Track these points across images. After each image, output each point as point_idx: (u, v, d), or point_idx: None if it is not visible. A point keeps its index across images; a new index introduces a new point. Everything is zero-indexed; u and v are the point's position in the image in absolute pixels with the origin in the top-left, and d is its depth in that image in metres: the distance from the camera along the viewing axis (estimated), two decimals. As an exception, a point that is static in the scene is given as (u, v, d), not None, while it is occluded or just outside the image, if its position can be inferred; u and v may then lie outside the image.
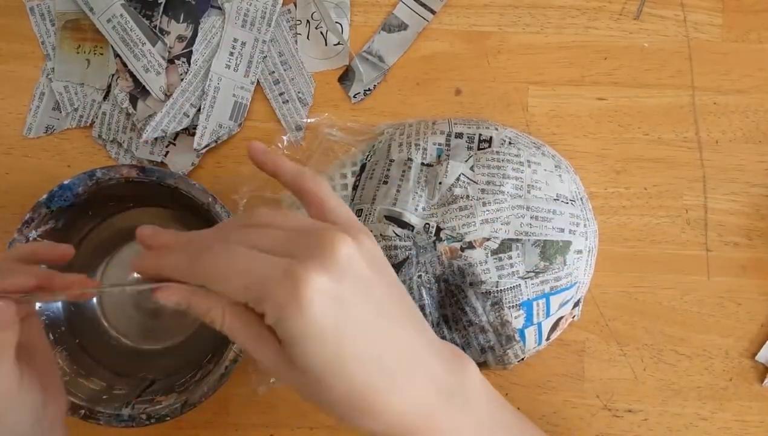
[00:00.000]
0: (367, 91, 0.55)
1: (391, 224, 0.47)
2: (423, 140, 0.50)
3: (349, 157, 0.53)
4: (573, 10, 0.55)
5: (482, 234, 0.46)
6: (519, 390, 0.54)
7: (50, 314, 0.51)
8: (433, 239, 0.47)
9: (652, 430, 0.54)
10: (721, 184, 0.55)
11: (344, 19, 0.55)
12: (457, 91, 0.55)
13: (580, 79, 0.55)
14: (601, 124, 0.55)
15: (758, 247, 0.55)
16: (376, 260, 0.32)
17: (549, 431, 0.54)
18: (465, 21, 0.55)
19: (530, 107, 0.55)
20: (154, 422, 0.48)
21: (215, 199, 0.48)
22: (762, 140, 0.55)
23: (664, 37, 0.55)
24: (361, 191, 0.50)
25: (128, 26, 0.52)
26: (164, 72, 0.53)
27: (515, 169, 0.48)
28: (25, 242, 0.48)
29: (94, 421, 0.48)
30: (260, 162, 0.36)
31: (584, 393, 0.54)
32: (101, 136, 0.54)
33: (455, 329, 0.48)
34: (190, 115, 0.53)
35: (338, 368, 0.30)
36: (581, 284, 0.49)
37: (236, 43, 0.54)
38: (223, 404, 0.54)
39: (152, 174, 0.48)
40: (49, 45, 0.54)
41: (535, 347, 0.49)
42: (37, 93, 0.55)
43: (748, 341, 0.54)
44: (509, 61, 0.55)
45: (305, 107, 0.54)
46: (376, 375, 0.31)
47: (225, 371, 0.48)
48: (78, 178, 0.48)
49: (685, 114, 0.55)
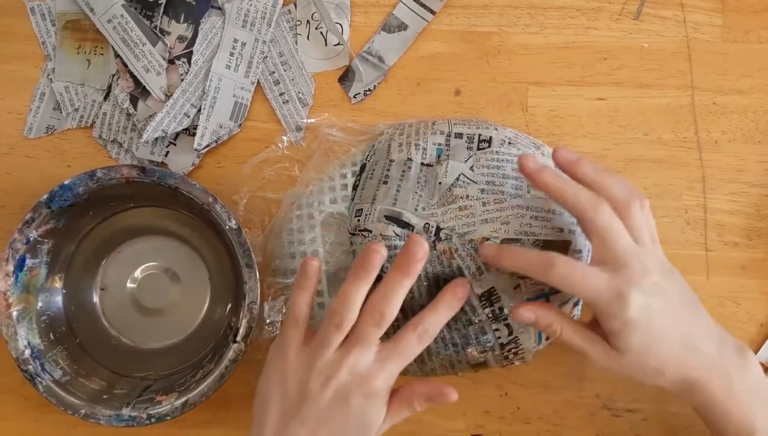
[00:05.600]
0: (367, 91, 0.55)
1: (391, 224, 0.47)
2: (423, 140, 0.50)
3: (349, 157, 0.53)
4: (573, 11, 0.55)
5: (482, 234, 0.46)
6: (519, 390, 0.54)
7: (50, 313, 0.52)
8: (432, 239, 0.47)
9: (652, 430, 0.54)
10: (720, 185, 0.55)
11: (344, 19, 0.55)
12: (456, 91, 0.55)
13: (580, 79, 0.55)
14: (600, 124, 0.55)
15: (758, 247, 0.55)
16: (665, 268, 0.43)
17: (549, 431, 0.54)
18: (465, 21, 0.55)
19: (530, 107, 0.55)
20: (154, 422, 0.48)
21: (216, 199, 0.48)
22: (762, 140, 0.55)
23: (663, 38, 0.55)
24: (361, 191, 0.50)
25: (129, 26, 0.52)
26: (164, 72, 0.53)
27: (515, 169, 0.48)
28: (26, 241, 0.48)
29: (94, 421, 0.48)
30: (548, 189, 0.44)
31: (584, 393, 0.54)
32: (102, 136, 0.54)
33: (455, 328, 0.48)
34: (190, 116, 0.53)
35: (649, 348, 0.42)
36: (581, 284, 0.49)
37: (236, 44, 0.54)
38: (224, 403, 0.54)
39: (153, 174, 0.48)
40: (50, 45, 0.54)
41: (535, 347, 0.49)
42: (37, 93, 0.55)
43: (747, 341, 0.54)
44: (509, 61, 0.55)
45: (305, 107, 0.54)
46: (674, 348, 0.42)
47: (225, 371, 0.48)
48: (78, 178, 0.48)
49: (684, 114, 0.55)
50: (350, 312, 0.41)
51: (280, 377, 0.42)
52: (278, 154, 0.54)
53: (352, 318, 0.41)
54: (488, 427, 0.54)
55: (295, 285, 0.44)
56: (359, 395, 0.41)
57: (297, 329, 0.43)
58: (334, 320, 0.41)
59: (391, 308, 0.41)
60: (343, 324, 0.41)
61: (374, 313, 0.41)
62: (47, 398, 0.48)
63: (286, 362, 0.42)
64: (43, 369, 0.49)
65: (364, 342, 0.41)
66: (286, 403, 0.42)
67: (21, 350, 0.48)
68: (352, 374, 0.41)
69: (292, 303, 0.44)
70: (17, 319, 0.49)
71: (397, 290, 0.41)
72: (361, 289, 0.42)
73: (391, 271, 0.42)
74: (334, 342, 0.41)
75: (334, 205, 0.51)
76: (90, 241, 0.54)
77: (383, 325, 0.41)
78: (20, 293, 0.49)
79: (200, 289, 0.54)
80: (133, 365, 0.53)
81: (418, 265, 0.42)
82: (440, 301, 0.44)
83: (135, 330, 0.54)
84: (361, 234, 0.48)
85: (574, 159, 0.45)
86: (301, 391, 0.41)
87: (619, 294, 0.41)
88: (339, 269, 0.51)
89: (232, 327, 0.51)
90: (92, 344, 0.53)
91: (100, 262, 0.54)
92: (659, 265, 0.43)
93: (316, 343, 0.42)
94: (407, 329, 0.42)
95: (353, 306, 0.41)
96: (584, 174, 0.44)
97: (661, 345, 0.42)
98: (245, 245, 0.48)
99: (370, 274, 0.42)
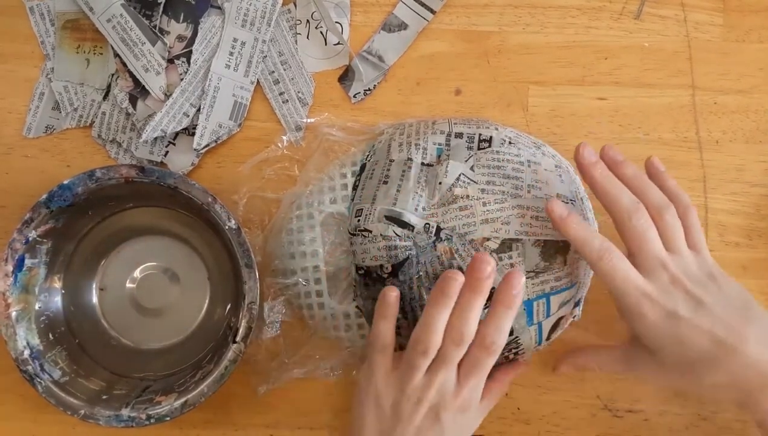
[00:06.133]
0: (367, 91, 0.55)
1: (391, 224, 0.47)
2: (423, 140, 0.50)
3: (349, 157, 0.53)
4: (573, 10, 0.55)
5: (482, 234, 0.46)
6: (519, 390, 0.54)
7: (50, 314, 0.51)
8: (433, 239, 0.47)
9: (653, 430, 0.54)
10: (721, 184, 0.55)
11: (344, 18, 0.55)
12: (457, 91, 0.55)
13: (581, 79, 0.55)
14: (601, 124, 0.55)
15: (758, 247, 0.54)
16: (702, 276, 0.43)
17: (549, 431, 0.54)
18: (465, 21, 0.55)
19: (530, 107, 0.55)
20: (154, 422, 0.48)
21: (215, 199, 0.48)
22: (762, 140, 0.55)
23: (664, 37, 0.55)
24: (361, 191, 0.50)
25: (128, 26, 0.52)
26: (164, 72, 0.53)
27: (515, 169, 0.48)
28: (25, 241, 0.48)
29: (94, 421, 0.48)
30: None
31: (585, 393, 0.54)
32: (101, 136, 0.54)
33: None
34: (189, 115, 0.53)
35: (684, 356, 0.43)
36: (581, 284, 0.49)
37: (236, 43, 0.54)
38: (223, 404, 0.54)
39: (152, 174, 0.48)
40: (49, 45, 0.54)
41: (536, 347, 0.49)
42: (36, 93, 0.55)
43: (748, 341, 0.54)
44: (509, 60, 0.55)
45: (305, 107, 0.54)
46: (716, 356, 0.42)
47: (225, 371, 0.48)
48: (78, 178, 0.48)
49: (685, 114, 0.55)
50: (434, 337, 0.43)
51: (374, 401, 0.45)
52: (278, 153, 0.54)
53: (437, 343, 0.43)
54: (488, 427, 0.54)
55: (377, 314, 0.46)
56: (449, 412, 0.44)
57: (384, 355, 0.46)
58: (419, 348, 0.43)
59: (469, 327, 0.43)
60: (429, 350, 0.43)
61: (454, 334, 0.43)
62: (46, 399, 0.48)
63: (377, 386, 0.45)
64: (43, 369, 0.49)
65: (449, 364, 0.43)
66: (381, 423, 0.44)
67: (20, 350, 0.48)
68: (440, 393, 0.44)
69: (377, 331, 0.46)
70: (16, 319, 0.49)
71: (472, 309, 0.43)
72: (443, 314, 0.43)
73: (464, 290, 0.43)
74: (422, 366, 0.44)
75: (334, 205, 0.51)
76: (89, 241, 0.54)
77: (464, 345, 0.43)
78: (19, 293, 0.49)
79: (199, 289, 0.54)
80: (133, 366, 0.53)
81: (488, 281, 0.43)
82: (497, 304, 0.43)
83: (134, 330, 0.54)
84: (361, 234, 0.48)
85: (619, 160, 0.46)
86: (394, 413, 0.44)
87: (645, 297, 0.42)
88: (339, 269, 0.51)
89: (231, 327, 0.50)
90: (91, 345, 0.53)
91: (100, 262, 0.54)
92: (694, 273, 0.43)
93: (405, 367, 0.44)
94: (474, 347, 0.44)
95: (437, 332, 0.43)
96: (625, 175, 0.45)
97: (693, 351, 0.42)
98: (245, 245, 0.47)
99: (449, 299, 0.43)
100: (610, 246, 0.43)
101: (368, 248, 0.48)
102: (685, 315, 0.42)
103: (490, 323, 0.43)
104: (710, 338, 0.42)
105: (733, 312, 0.42)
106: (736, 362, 0.42)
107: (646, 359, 0.45)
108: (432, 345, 0.43)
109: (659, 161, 0.48)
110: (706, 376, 0.42)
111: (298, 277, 0.51)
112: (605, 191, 0.44)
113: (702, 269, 0.44)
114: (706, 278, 0.43)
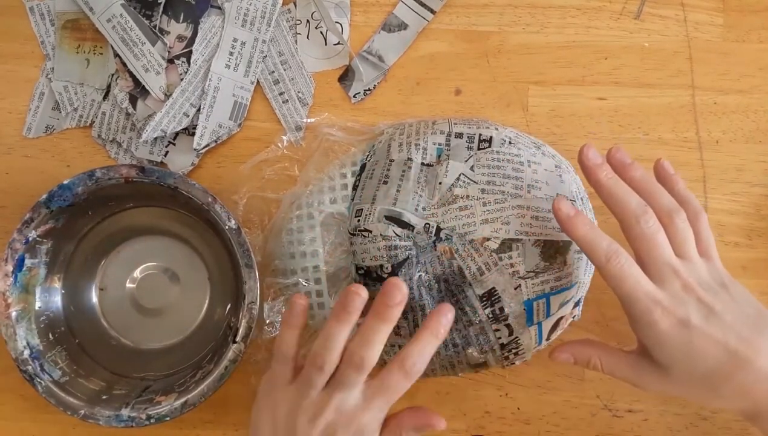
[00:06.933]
0: (367, 91, 0.55)
1: (391, 224, 0.47)
2: (423, 140, 0.50)
3: (349, 157, 0.53)
4: (573, 10, 0.55)
5: (482, 234, 0.46)
6: (519, 390, 0.54)
7: (50, 314, 0.51)
8: (433, 239, 0.47)
9: (653, 430, 0.54)
10: (721, 184, 0.55)
11: (344, 18, 0.55)
12: (457, 91, 0.55)
13: (581, 79, 0.55)
14: (601, 124, 0.55)
15: (758, 247, 0.54)
16: (714, 283, 0.42)
17: (549, 431, 0.54)
18: (465, 21, 0.55)
19: (530, 107, 0.55)
20: (154, 422, 0.48)
21: (215, 199, 0.48)
22: (762, 140, 0.55)
23: (664, 37, 0.55)
24: (361, 191, 0.50)
25: (128, 26, 0.52)
26: (164, 72, 0.53)
27: (515, 169, 0.48)
28: (25, 241, 0.48)
29: (94, 421, 0.48)
30: None
31: (585, 393, 0.54)
32: (101, 136, 0.54)
33: (455, 329, 0.48)
34: (189, 115, 0.53)
35: (693, 365, 0.41)
36: (581, 284, 0.49)
37: (236, 43, 0.54)
38: (223, 404, 0.54)
39: (152, 174, 0.48)
40: (49, 45, 0.54)
41: (536, 347, 0.49)
42: (36, 93, 0.55)
43: (748, 341, 0.54)
44: (509, 61, 0.55)
45: (305, 107, 0.54)
46: (726, 366, 0.40)
47: (225, 371, 0.48)
48: (78, 178, 0.48)
49: (685, 114, 0.55)
50: (331, 354, 0.41)
51: (271, 412, 0.43)
52: (278, 154, 0.54)
53: (334, 360, 0.41)
54: (488, 427, 0.54)
55: (282, 322, 0.44)
56: (347, 433, 0.41)
57: (285, 365, 0.44)
58: (317, 362, 0.41)
59: (371, 353, 0.41)
60: (324, 367, 0.41)
61: (354, 358, 0.41)
62: (46, 399, 0.48)
63: (275, 396, 0.43)
64: (42, 369, 0.49)
65: (348, 387, 0.41)
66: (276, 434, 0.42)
67: (20, 350, 0.48)
68: (338, 412, 0.41)
69: (280, 340, 0.44)
70: (16, 319, 0.49)
71: (376, 336, 0.41)
72: (343, 331, 0.41)
73: (369, 315, 0.41)
74: (318, 383, 0.42)
75: (334, 205, 0.51)
76: (89, 241, 0.54)
77: (364, 370, 0.41)
78: (19, 293, 0.49)
79: (200, 289, 0.54)
80: (133, 366, 0.53)
81: (396, 309, 0.41)
82: (424, 330, 0.42)
83: (134, 330, 0.54)
84: (361, 234, 0.48)
85: (627, 162, 0.45)
86: (288, 426, 0.42)
87: (655, 303, 0.40)
88: (339, 269, 0.51)
89: (231, 327, 0.50)
90: (91, 345, 0.53)
91: (100, 262, 0.54)
92: (705, 280, 0.42)
93: (301, 382, 0.42)
94: (393, 366, 0.41)
95: (335, 349, 0.41)
96: (633, 178, 0.44)
97: (705, 362, 0.40)
98: (245, 245, 0.47)
99: (351, 316, 0.41)
100: (618, 248, 0.41)
101: (368, 247, 0.48)
102: (697, 324, 0.40)
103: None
104: (723, 349, 0.40)
105: (745, 322, 0.41)
106: (748, 375, 0.40)
107: (654, 374, 0.43)
108: (328, 362, 0.41)
109: (669, 164, 0.46)
110: (718, 390, 0.41)
111: (298, 277, 0.51)
112: (611, 194, 0.43)
113: (714, 276, 0.42)
114: (718, 287, 0.42)
